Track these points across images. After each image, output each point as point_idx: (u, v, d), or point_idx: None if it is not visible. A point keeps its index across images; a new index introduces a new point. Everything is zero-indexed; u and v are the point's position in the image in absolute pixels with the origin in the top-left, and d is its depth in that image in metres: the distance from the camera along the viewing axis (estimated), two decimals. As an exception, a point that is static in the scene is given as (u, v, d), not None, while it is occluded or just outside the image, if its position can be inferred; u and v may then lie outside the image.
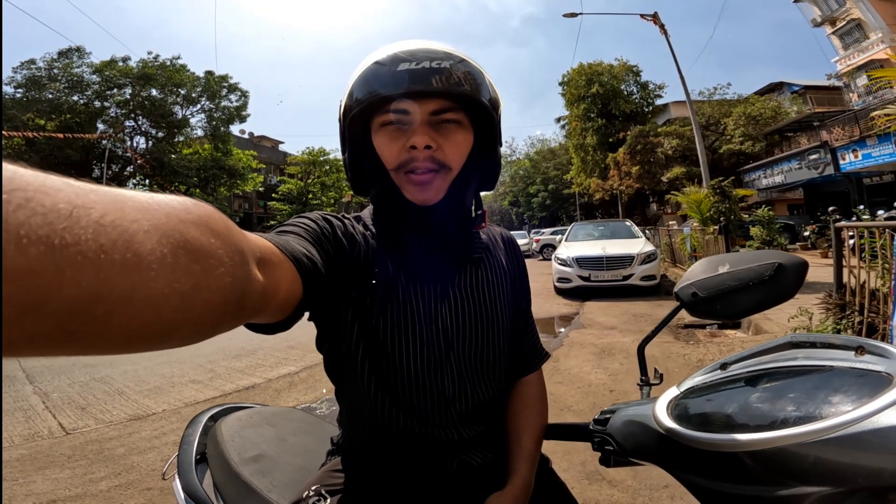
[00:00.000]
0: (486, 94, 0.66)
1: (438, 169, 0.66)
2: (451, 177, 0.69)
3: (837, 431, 0.37)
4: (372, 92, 0.63)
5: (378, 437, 0.73)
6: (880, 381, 0.39)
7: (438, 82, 0.61)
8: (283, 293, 0.46)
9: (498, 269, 0.79)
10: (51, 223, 0.20)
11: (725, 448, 0.44)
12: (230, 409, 1.18)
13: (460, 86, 0.62)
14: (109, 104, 22.15)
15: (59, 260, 0.20)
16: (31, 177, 0.21)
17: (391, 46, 0.65)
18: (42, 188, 0.20)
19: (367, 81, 0.63)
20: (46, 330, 0.20)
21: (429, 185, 0.67)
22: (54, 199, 0.21)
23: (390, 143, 0.66)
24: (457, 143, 0.67)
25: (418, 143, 0.64)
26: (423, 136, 0.64)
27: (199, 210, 0.30)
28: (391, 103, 0.64)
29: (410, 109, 0.64)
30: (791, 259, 0.61)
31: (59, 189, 0.21)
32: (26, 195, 0.20)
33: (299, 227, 0.62)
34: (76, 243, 0.21)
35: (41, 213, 0.20)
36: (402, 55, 0.62)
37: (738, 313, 0.65)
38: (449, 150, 0.66)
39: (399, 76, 0.61)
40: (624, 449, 0.64)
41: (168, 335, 0.27)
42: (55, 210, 0.20)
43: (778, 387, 0.47)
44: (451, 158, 0.67)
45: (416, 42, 0.65)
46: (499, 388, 0.78)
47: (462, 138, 0.68)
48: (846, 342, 0.46)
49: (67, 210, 0.21)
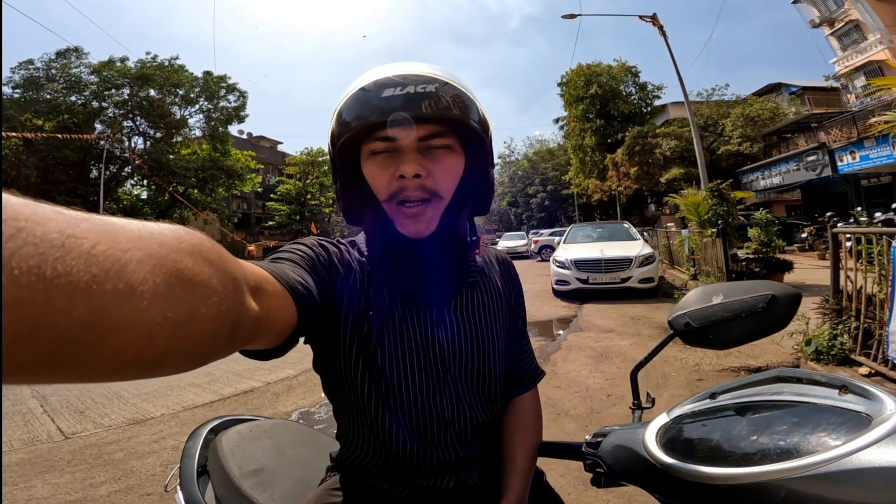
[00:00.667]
0: (475, 115, 0.64)
1: (430, 198, 0.65)
2: (443, 205, 0.67)
3: (814, 469, 0.38)
4: (358, 119, 0.61)
5: (377, 455, 0.73)
6: (859, 421, 0.41)
7: (426, 107, 0.60)
8: (277, 321, 0.46)
9: (493, 292, 0.80)
10: (42, 253, 0.20)
11: (707, 480, 0.46)
12: (230, 422, 1.19)
13: (449, 110, 0.61)
14: (107, 104, 22.10)
15: (51, 290, 0.20)
16: (22, 206, 0.21)
17: (376, 71, 0.64)
18: (34, 217, 0.21)
19: (353, 108, 0.62)
20: (38, 359, 0.20)
21: (421, 217, 0.66)
22: (46, 229, 0.21)
23: (380, 172, 0.65)
24: (447, 170, 0.66)
25: (407, 171, 0.62)
26: (412, 165, 0.62)
27: (191, 238, 0.30)
28: (379, 131, 0.62)
29: (398, 136, 0.62)
30: (784, 290, 0.63)
31: (51, 219, 0.21)
32: (18, 225, 0.20)
33: (294, 254, 0.63)
34: (68, 273, 0.21)
35: (33, 242, 0.20)
36: (386, 80, 0.61)
37: (730, 343, 0.66)
38: (440, 176, 0.65)
39: (384, 102, 0.60)
40: (614, 472, 0.66)
41: (161, 364, 0.27)
42: (47, 240, 0.20)
43: (762, 420, 0.49)
44: (441, 186, 0.66)
45: (401, 66, 0.64)
46: (496, 409, 0.80)
47: (453, 163, 0.66)
48: (831, 380, 0.47)
49: (60, 240, 0.21)
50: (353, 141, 0.65)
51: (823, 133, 16.47)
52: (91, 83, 21.46)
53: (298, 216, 32.69)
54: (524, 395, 0.86)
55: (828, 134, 16.19)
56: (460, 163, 0.68)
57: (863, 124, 14.06)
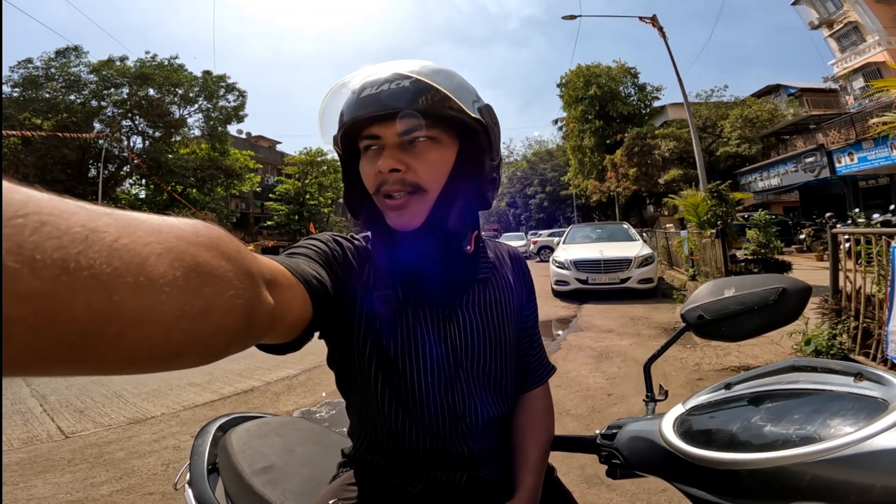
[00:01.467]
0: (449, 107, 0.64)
1: (413, 191, 0.65)
2: (430, 198, 0.67)
3: (833, 453, 0.39)
4: (345, 119, 0.66)
5: (390, 450, 0.74)
6: (876, 406, 0.41)
7: (397, 102, 0.62)
8: (292, 315, 0.46)
9: (505, 287, 0.81)
10: (65, 247, 0.20)
11: (727, 466, 0.46)
12: (238, 420, 1.19)
13: (415, 103, 0.63)
14: (106, 104, 22.01)
15: (73, 283, 0.20)
16: (46, 200, 0.21)
17: (362, 71, 0.68)
18: (57, 212, 0.21)
19: (344, 109, 0.67)
20: (57, 350, 0.21)
21: (405, 210, 0.66)
22: (69, 223, 0.21)
23: (368, 168, 0.67)
24: (430, 163, 0.66)
25: (382, 167, 0.64)
26: (386, 160, 0.64)
27: (209, 233, 0.31)
28: (365, 129, 0.66)
29: (378, 133, 0.65)
30: (795, 284, 0.64)
31: (74, 213, 0.22)
32: (41, 219, 0.20)
33: (309, 248, 0.63)
34: (90, 266, 0.21)
35: (56, 236, 0.20)
36: (367, 81, 0.65)
37: (742, 335, 0.67)
38: (422, 170, 0.65)
39: (363, 101, 0.64)
40: (630, 463, 0.66)
41: (177, 356, 0.28)
42: (70, 234, 0.21)
43: (779, 408, 0.49)
44: (424, 179, 0.65)
45: (384, 65, 0.67)
46: (507, 404, 0.80)
47: (437, 156, 0.66)
48: (846, 368, 0.48)
49: (83, 234, 0.21)
50: (350, 138, 0.69)
51: (822, 134, 16.54)
52: (90, 82, 21.39)
53: (297, 216, 32.64)
54: (535, 391, 0.86)
55: (826, 135, 16.25)
56: (447, 155, 0.67)
57: (861, 126, 14.13)
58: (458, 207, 0.70)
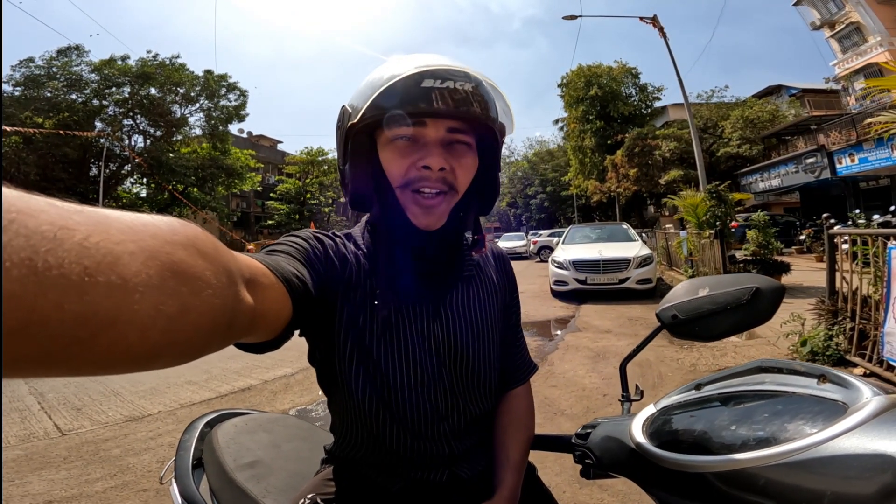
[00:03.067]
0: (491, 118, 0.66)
1: (447, 191, 0.66)
2: (456, 200, 0.69)
3: (791, 457, 0.39)
4: (393, 106, 0.61)
5: (371, 449, 0.74)
6: (835, 409, 0.42)
7: (464, 103, 0.61)
8: (272, 314, 0.46)
9: (489, 286, 0.81)
10: (33, 245, 0.20)
11: (693, 469, 0.47)
12: (226, 416, 1.20)
13: (482, 109, 0.63)
14: (108, 103, 22.06)
15: (42, 283, 0.20)
16: (14, 198, 0.20)
17: (411, 60, 0.64)
18: (26, 209, 0.20)
19: (387, 94, 0.61)
20: (30, 353, 0.20)
21: (435, 209, 0.67)
22: (38, 221, 0.20)
23: (400, 160, 0.65)
24: (466, 167, 0.67)
25: (433, 164, 0.63)
26: (438, 157, 0.64)
27: (186, 231, 0.30)
28: (406, 119, 0.62)
29: (427, 128, 0.64)
30: (768, 283, 0.64)
31: (43, 210, 0.21)
32: (9, 217, 0.19)
33: (290, 246, 0.63)
34: (59, 266, 0.20)
35: (24, 234, 0.19)
36: (426, 71, 0.61)
37: (716, 335, 0.67)
38: (459, 172, 0.67)
39: (423, 93, 0.60)
40: (602, 463, 0.67)
41: (155, 357, 0.27)
42: (38, 232, 0.20)
43: (744, 410, 0.49)
44: (459, 181, 0.67)
45: (436, 58, 0.64)
46: (489, 403, 0.80)
47: (471, 161, 0.68)
48: (810, 370, 0.48)
49: (51, 232, 0.21)
50: (372, 125, 0.65)
51: (822, 135, 16.50)
52: (92, 81, 21.44)
53: (298, 215, 32.70)
54: (517, 390, 0.86)
55: (827, 136, 16.21)
56: (476, 161, 0.70)
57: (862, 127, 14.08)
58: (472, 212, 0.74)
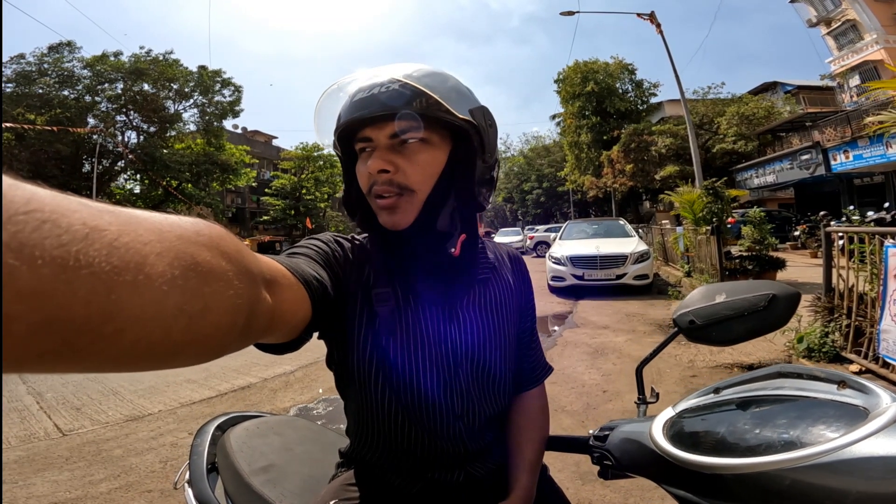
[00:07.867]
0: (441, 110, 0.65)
1: (401, 192, 0.67)
2: (418, 199, 0.68)
3: (813, 460, 0.41)
4: (340, 122, 0.69)
5: (388, 450, 0.75)
6: (857, 414, 0.43)
7: (386, 105, 0.64)
8: (292, 315, 0.47)
9: (505, 289, 0.82)
10: (65, 244, 0.21)
11: (713, 470, 0.48)
12: (237, 419, 1.21)
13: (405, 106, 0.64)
14: (100, 99, 21.77)
15: (72, 280, 0.21)
16: (48, 198, 0.21)
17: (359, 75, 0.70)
18: (59, 209, 0.21)
19: (344, 111, 0.69)
20: (55, 347, 0.21)
21: (395, 209, 0.67)
22: (70, 221, 0.21)
23: (361, 169, 0.69)
24: (419, 164, 0.67)
25: (371, 168, 0.66)
26: (375, 161, 0.66)
27: (210, 232, 0.31)
28: (359, 131, 0.68)
29: (370, 135, 0.67)
30: (784, 290, 0.65)
31: (75, 210, 0.22)
32: (43, 216, 0.20)
33: (310, 248, 0.65)
34: (89, 264, 0.21)
35: (56, 234, 0.20)
36: (361, 85, 0.67)
37: (732, 340, 0.69)
38: (410, 171, 0.66)
39: (356, 105, 0.66)
40: (621, 464, 0.68)
41: (176, 355, 0.28)
42: (70, 231, 0.21)
43: (764, 413, 0.51)
44: (413, 181, 0.67)
45: (379, 69, 0.69)
46: (504, 403, 0.81)
47: (427, 158, 0.67)
48: (829, 376, 0.49)
49: (83, 232, 0.22)
50: (347, 141, 0.72)
51: (818, 132, 16.59)
52: (84, 77, 21.18)
53: (293, 211, 32.51)
54: (532, 391, 0.88)
55: (822, 133, 16.30)
56: (438, 157, 0.68)
57: (857, 124, 14.16)
58: (450, 208, 0.70)
